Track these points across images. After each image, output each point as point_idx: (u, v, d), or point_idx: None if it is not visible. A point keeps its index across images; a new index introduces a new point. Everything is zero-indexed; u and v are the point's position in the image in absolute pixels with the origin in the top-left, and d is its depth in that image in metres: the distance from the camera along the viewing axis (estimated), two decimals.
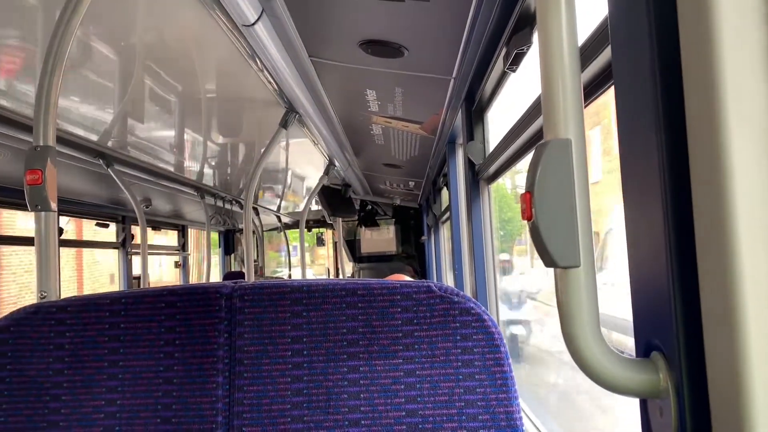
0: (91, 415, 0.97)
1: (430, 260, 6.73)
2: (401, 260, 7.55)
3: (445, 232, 5.25)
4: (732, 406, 0.50)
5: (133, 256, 5.11)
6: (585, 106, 1.07)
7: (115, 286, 7.12)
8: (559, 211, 0.62)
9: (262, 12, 1.69)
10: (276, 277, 9.33)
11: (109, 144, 3.12)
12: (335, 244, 8.67)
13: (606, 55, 1.04)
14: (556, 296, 0.64)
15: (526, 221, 0.65)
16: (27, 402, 0.98)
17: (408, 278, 2.10)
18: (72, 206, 4.21)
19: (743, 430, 0.49)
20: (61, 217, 4.15)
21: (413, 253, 7.56)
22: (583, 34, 1.09)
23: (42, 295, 1.39)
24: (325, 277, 10.17)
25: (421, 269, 7.39)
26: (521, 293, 4.48)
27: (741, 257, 0.49)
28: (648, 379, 0.61)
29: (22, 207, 3.32)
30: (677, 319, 0.57)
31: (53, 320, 1.00)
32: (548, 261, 0.62)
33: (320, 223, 8.79)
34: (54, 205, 1.42)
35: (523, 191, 0.65)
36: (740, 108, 0.50)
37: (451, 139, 3.25)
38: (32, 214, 1.43)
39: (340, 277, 7.68)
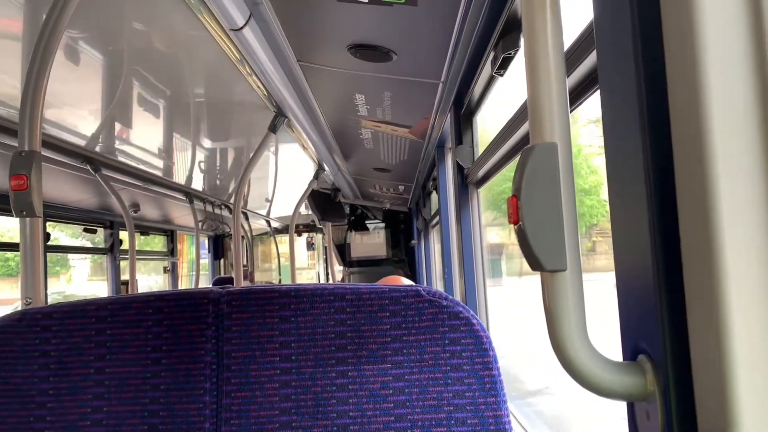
0: (77, 423, 0.96)
1: (420, 264, 6.73)
2: (392, 264, 7.55)
3: (435, 236, 5.25)
4: (718, 410, 0.50)
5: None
6: (571, 111, 1.08)
7: None
8: (546, 215, 0.62)
9: (250, 16, 1.69)
10: (267, 282, 9.30)
11: (97, 149, 3.10)
12: (325, 248, 8.66)
13: (592, 59, 1.05)
14: (542, 300, 0.64)
15: (512, 225, 0.65)
16: (12, 410, 0.96)
17: (405, 280, 2.09)
18: (59, 211, 4.19)
19: None
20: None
21: (404, 257, 7.57)
22: (569, 38, 1.09)
23: (27, 301, 1.38)
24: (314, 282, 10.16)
25: (411, 273, 7.39)
26: None
27: (726, 260, 0.49)
28: (635, 382, 0.61)
29: (7, 213, 3.30)
30: (663, 322, 0.57)
31: (38, 327, 0.99)
32: (535, 265, 0.62)
33: (310, 227, 8.77)
34: (39, 211, 1.41)
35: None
36: (724, 112, 0.50)
37: (440, 143, 3.25)
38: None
39: (330, 281, 7.66)
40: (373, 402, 0.93)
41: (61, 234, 5.29)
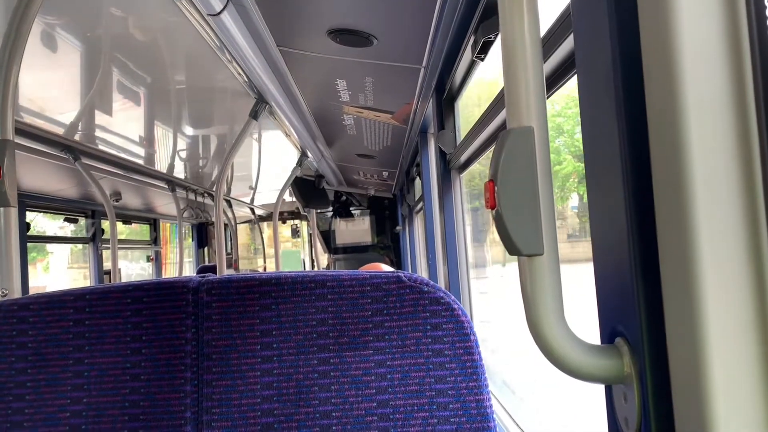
0: (57, 414, 0.95)
1: (405, 250, 6.74)
2: (377, 251, 7.56)
3: (419, 221, 5.26)
4: (693, 391, 0.51)
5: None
6: (550, 95, 1.07)
7: None
8: (522, 199, 0.62)
9: (227, 1, 1.67)
10: (251, 270, 9.27)
11: (76, 137, 3.06)
12: (310, 235, 8.65)
13: (569, 43, 1.05)
14: (520, 284, 0.64)
15: (489, 210, 0.65)
16: None
17: (386, 267, 2.10)
18: (39, 201, 4.14)
19: (704, 414, 0.49)
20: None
21: (389, 244, 7.58)
22: (546, 23, 1.09)
23: (3, 293, 1.36)
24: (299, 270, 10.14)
25: (396, 259, 7.40)
26: None
27: (700, 244, 0.49)
28: (612, 364, 0.61)
29: None
30: (640, 305, 0.57)
31: (15, 318, 0.98)
32: (512, 249, 0.62)
33: (294, 214, 8.76)
34: (14, 201, 1.38)
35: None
36: (698, 94, 0.50)
37: (423, 129, 3.24)
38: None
39: (316, 269, 7.66)
40: (356, 388, 0.93)
41: (43, 220, 5.23)
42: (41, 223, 5.33)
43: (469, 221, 2.64)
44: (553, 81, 1.16)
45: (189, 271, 8.00)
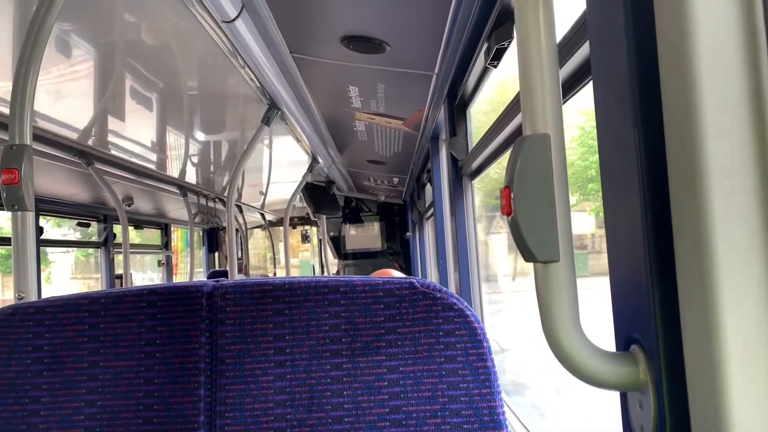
0: (71, 417, 0.95)
1: (414, 256, 6.74)
2: (387, 256, 7.57)
3: (429, 228, 5.26)
4: (709, 399, 0.50)
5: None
6: (564, 102, 1.07)
7: None
8: (538, 206, 0.62)
9: (242, 8, 1.68)
10: (261, 275, 9.29)
11: (89, 142, 3.08)
12: (320, 241, 8.67)
13: (585, 50, 1.05)
14: (536, 291, 0.64)
15: (505, 216, 0.65)
16: (5, 405, 0.96)
17: (396, 272, 2.10)
18: (52, 205, 4.17)
19: (720, 422, 0.49)
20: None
21: (398, 250, 7.59)
22: (562, 29, 1.09)
23: (20, 296, 1.37)
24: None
25: (406, 265, 7.41)
26: None
27: (717, 251, 0.49)
28: (628, 372, 0.61)
29: None
30: (656, 312, 0.57)
31: (31, 321, 0.98)
32: (528, 256, 0.62)
33: (305, 220, 8.78)
34: (31, 205, 1.40)
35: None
36: (715, 101, 0.50)
37: (434, 135, 3.25)
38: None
39: (325, 274, 7.67)
40: (368, 394, 0.93)
41: (46, 225, 5.25)
42: (44, 227, 5.36)
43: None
44: (568, 88, 1.16)
45: (199, 276, 8.03)
